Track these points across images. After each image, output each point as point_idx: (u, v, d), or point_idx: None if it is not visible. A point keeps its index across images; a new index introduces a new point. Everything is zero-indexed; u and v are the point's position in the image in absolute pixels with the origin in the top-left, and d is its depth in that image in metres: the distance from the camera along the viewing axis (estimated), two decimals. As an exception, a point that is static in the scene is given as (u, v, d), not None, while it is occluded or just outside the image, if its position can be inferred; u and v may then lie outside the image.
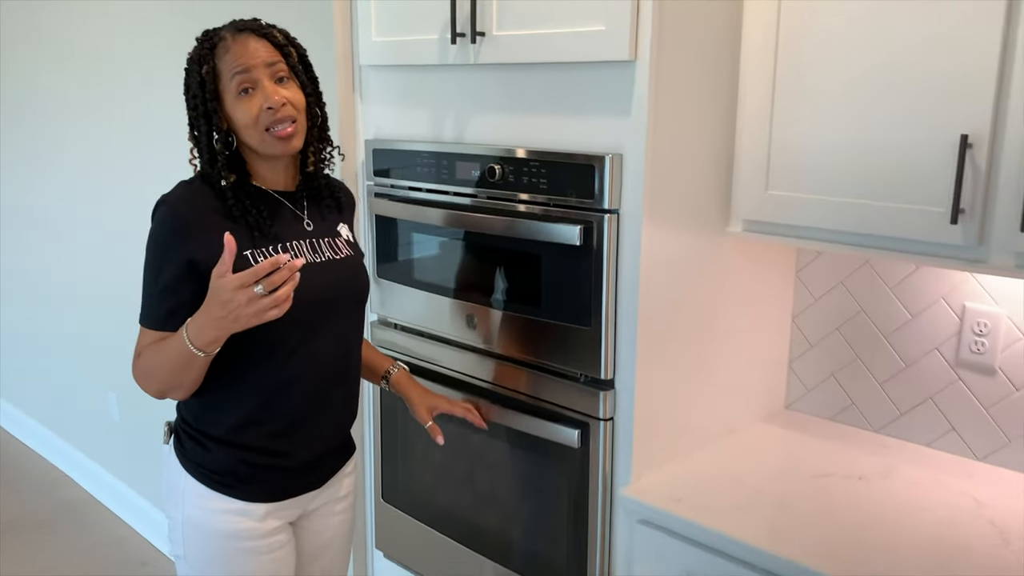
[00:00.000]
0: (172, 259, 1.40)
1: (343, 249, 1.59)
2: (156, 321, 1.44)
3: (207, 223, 1.42)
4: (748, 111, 1.62)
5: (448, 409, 1.73)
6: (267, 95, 1.42)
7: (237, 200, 1.45)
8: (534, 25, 1.59)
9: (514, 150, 1.66)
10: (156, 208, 1.44)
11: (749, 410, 1.91)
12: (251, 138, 1.44)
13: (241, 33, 1.44)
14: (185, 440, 1.55)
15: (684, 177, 1.59)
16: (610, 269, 1.56)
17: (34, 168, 3.64)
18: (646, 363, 1.60)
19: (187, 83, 1.46)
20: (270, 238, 1.47)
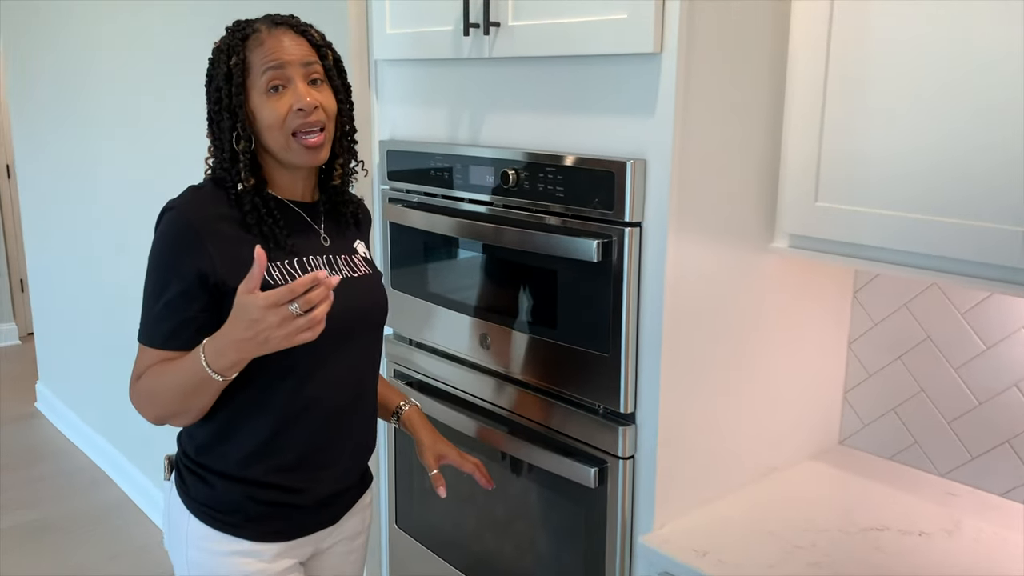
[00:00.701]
0: (180, 271, 1.27)
1: (360, 267, 1.44)
2: (159, 339, 1.30)
3: (219, 232, 1.29)
4: (795, 112, 1.42)
5: (456, 461, 1.55)
6: (299, 95, 1.29)
7: (253, 207, 1.31)
8: (551, 14, 1.42)
9: (529, 154, 1.49)
10: (162, 214, 1.31)
11: (796, 446, 1.70)
12: (275, 141, 1.31)
13: (277, 27, 1.32)
14: (187, 476, 1.40)
15: (718, 186, 1.40)
16: (631, 289, 1.38)
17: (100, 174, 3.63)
18: (672, 395, 1.41)
19: (211, 74, 1.33)
20: (286, 251, 1.34)
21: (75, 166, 3.67)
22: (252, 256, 1.25)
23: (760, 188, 1.47)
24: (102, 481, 3.78)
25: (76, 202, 3.71)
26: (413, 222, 1.74)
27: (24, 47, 3.96)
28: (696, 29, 1.29)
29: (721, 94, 1.36)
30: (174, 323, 1.29)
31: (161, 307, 1.29)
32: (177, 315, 1.28)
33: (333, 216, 1.45)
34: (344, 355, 1.38)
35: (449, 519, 1.85)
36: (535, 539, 1.64)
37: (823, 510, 1.52)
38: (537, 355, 1.55)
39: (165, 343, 1.29)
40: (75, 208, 3.73)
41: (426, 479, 1.88)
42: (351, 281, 1.40)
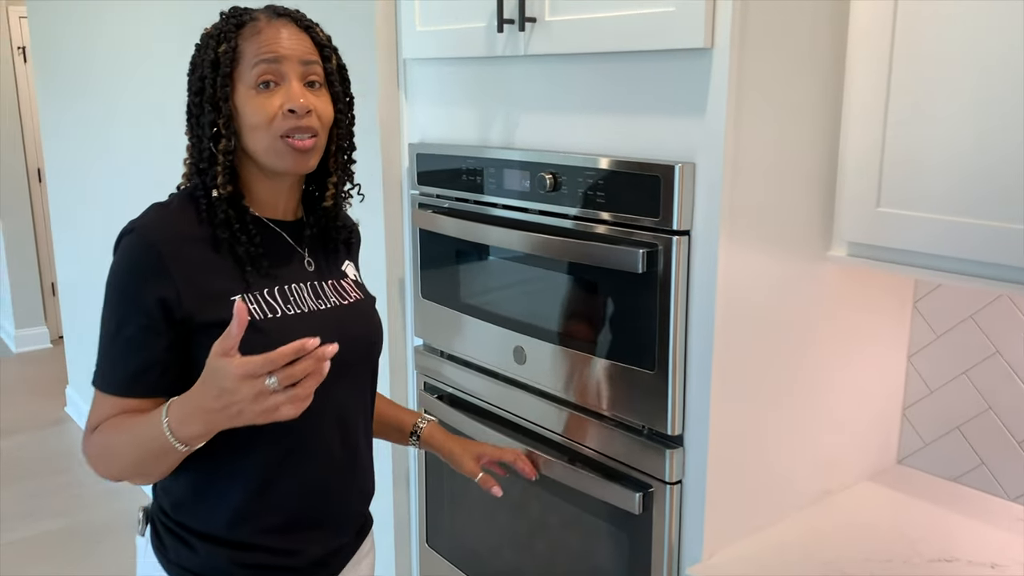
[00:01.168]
0: (141, 301, 1.10)
1: (351, 292, 1.30)
2: (119, 385, 1.13)
3: (186, 256, 1.13)
4: (855, 111, 1.32)
5: (496, 455, 1.45)
6: (292, 95, 1.14)
7: (226, 221, 1.16)
8: (592, 8, 1.33)
9: (568, 157, 1.40)
10: (121, 237, 1.14)
11: (853, 466, 1.59)
12: (259, 142, 1.15)
13: (279, 18, 1.18)
14: (164, 535, 1.23)
15: (772, 191, 1.30)
16: (679, 302, 1.29)
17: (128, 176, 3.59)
18: (722, 415, 1.31)
19: (195, 61, 1.18)
20: (265, 278, 1.18)
21: (103, 169, 3.63)
22: (224, 287, 1.12)
23: (817, 193, 1.37)
24: (132, 487, 3.74)
25: (105, 205, 3.68)
26: (443, 228, 1.66)
27: (54, 51, 3.94)
28: (749, 23, 1.19)
29: (775, 92, 1.26)
30: (136, 365, 1.12)
31: (121, 346, 1.12)
32: (139, 355, 1.12)
33: (320, 238, 1.30)
34: (336, 394, 1.21)
35: (482, 540, 1.76)
36: (574, 566, 1.54)
37: (884, 538, 1.41)
38: (576, 371, 1.45)
39: (126, 389, 1.13)
40: (104, 211, 3.70)
41: (457, 496, 1.80)
42: (341, 310, 1.26)
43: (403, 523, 2.01)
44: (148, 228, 1.14)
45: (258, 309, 1.16)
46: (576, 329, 1.44)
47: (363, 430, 1.31)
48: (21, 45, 5.24)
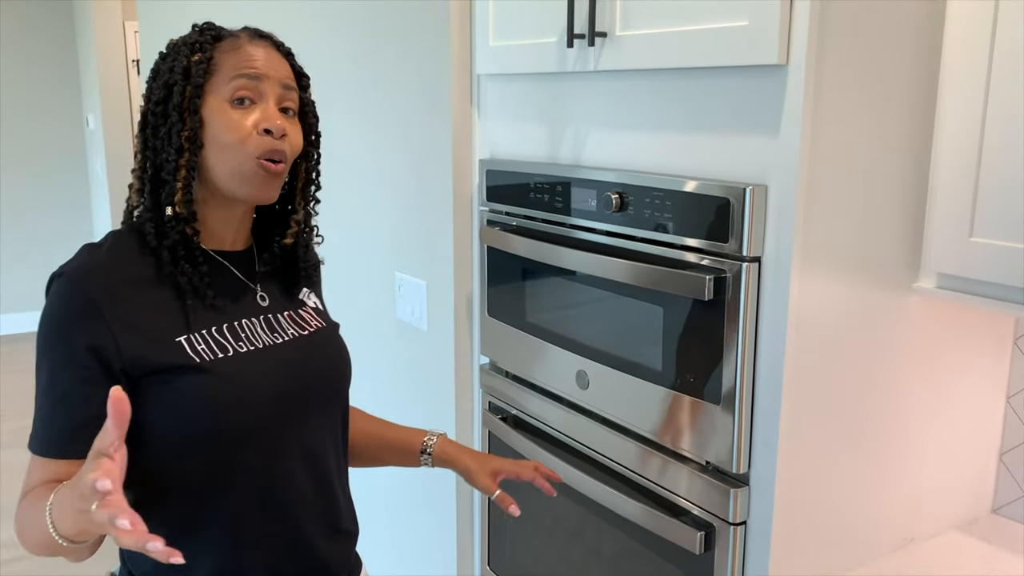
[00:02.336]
0: (72, 352, 1.00)
1: (311, 321, 1.21)
2: (50, 446, 1.01)
3: (122, 297, 1.03)
4: (948, 133, 1.22)
5: (513, 471, 1.32)
6: (269, 115, 1.07)
7: (172, 248, 1.07)
8: (663, 23, 1.27)
9: (635, 176, 1.35)
10: (50, 283, 1.04)
11: (940, 513, 1.48)
12: (225, 161, 1.06)
13: (260, 39, 1.12)
14: None
15: (852, 216, 1.21)
16: (747, 332, 1.22)
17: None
18: (792, 454, 1.23)
19: (160, 68, 1.09)
20: (213, 313, 1.09)
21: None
22: (166, 328, 1.03)
23: (902, 219, 1.27)
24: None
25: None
26: (509, 246, 1.63)
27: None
28: (828, 38, 1.11)
29: (856, 112, 1.18)
30: (70, 423, 1.00)
31: (54, 402, 1.01)
32: (74, 412, 1.00)
33: (276, 267, 1.21)
34: (299, 433, 1.13)
35: (543, 566, 1.71)
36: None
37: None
38: (639, 399, 1.39)
39: (59, 450, 1.01)
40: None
41: (520, 519, 1.76)
42: (301, 341, 1.16)
43: (466, 545, 1.98)
44: (78, 271, 1.03)
45: (206, 348, 1.07)
46: (639, 355, 1.38)
47: (336, 467, 1.22)
48: (135, 58, 5.49)
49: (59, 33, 5.86)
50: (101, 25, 5.33)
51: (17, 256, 5.97)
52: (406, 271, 2.01)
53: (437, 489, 2.02)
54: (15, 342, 5.85)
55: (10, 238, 5.93)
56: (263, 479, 1.10)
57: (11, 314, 6.02)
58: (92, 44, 5.37)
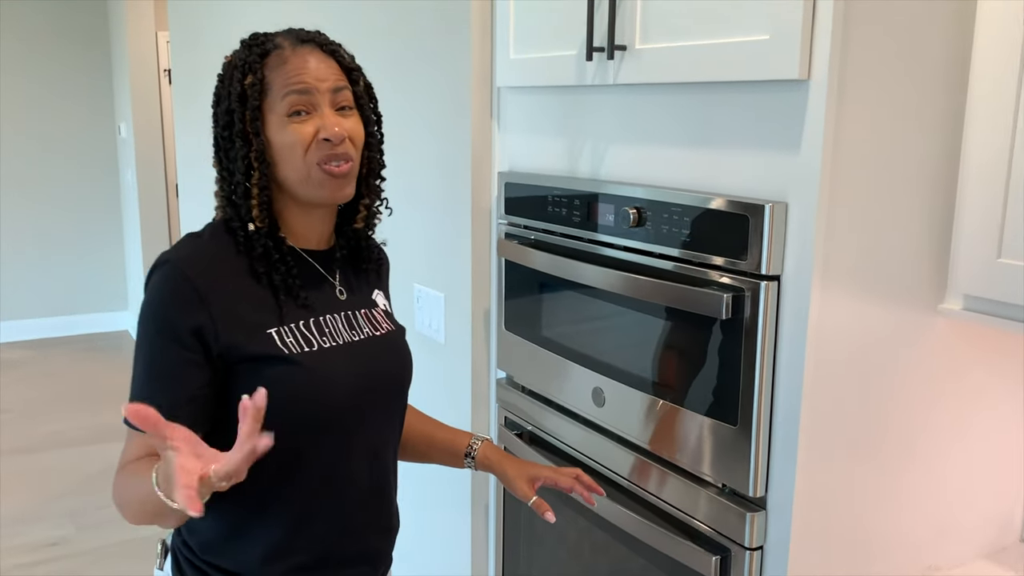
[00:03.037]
0: (178, 334, 1.07)
1: (383, 323, 1.28)
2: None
3: (221, 286, 1.11)
4: (975, 150, 1.19)
5: (552, 479, 1.32)
6: (325, 123, 1.12)
7: (265, 252, 1.14)
8: (683, 36, 1.26)
9: (654, 192, 1.33)
10: (154, 269, 1.11)
11: (966, 542, 1.43)
12: (294, 171, 1.13)
13: (303, 45, 1.15)
14: (188, 571, 1.19)
15: (875, 235, 1.18)
16: (765, 352, 1.19)
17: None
18: (811, 478, 1.20)
19: (220, 93, 1.16)
20: (301, 309, 1.16)
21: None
22: (260, 320, 1.10)
23: (927, 239, 1.24)
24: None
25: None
26: (526, 260, 1.61)
27: (191, 74, 4.15)
28: (851, 53, 1.09)
29: (880, 128, 1.15)
30: (169, 400, 1.05)
31: (155, 379, 1.08)
32: (174, 390, 1.07)
33: (351, 264, 1.28)
34: (367, 429, 1.21)
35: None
36: (647, 624, 1.45)
37: (998, 629, 1.25)
38: (654, 418, 1.37)
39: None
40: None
41: (535, 530, 1.73)
42: (374, 341, 1.23)
43: (480, 555, 1.96)
44: (183, 259, 1.11)
45: (294, 341, 1.14)
46: (655, 374, 1.36)
47: (392, 465, 1.29)
48: (167, 68, 5.56)
49: (93, 43, 5.95)
50: (134, 35, 5.40)
51: (49, 263, 6.05)
52: (424, 283, 2.00)
53: (452, 505, 2.00)
54: (47, 346, 5.93)
55: (43, 245, 6.01)
56: (328, 469, 1.17)
57: (42, 319, 6.10)
58: (125, 54, 5.45)
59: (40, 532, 3.42)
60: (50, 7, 5.76)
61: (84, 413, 4.71)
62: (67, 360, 5.66)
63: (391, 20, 2.01)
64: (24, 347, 5.91)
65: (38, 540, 3.36)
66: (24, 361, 5.62)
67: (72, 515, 3.57)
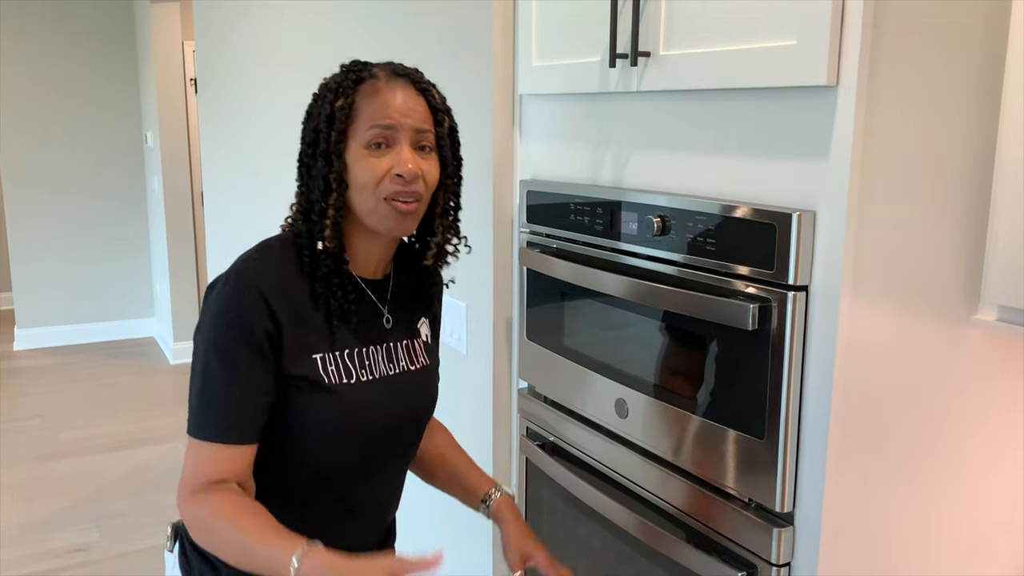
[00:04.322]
0: (252, 341, 1.11)
1: (420, 357, 1.31)
2: (228, 431, 1.11)
3: (288, 303, 1.15)
4: (1010, 155, 1.16)
5: (544, 566, 1.34)
6: (401, 160, 1.15)
7: (326, 276, 1.17)
8: (708, 42, 1.23)
9: (678, 200, 1.30)
10: (226, 279, 1.14)
11: (1004, 557, 1.39)
12: (363, 201, 1.16)
13: (397, 78, 1.18)
14: (193, 558, 1.25)
15: (906, 244, 1.15)
16: (793, 364, 1.16)
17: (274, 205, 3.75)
18: (840, 493, 1.17)
19: (312, 111, 1.21)
20: (349, 336, 1.21)
21: (253, 196, 3.80)
22: (310, 342, 1.15)
23: (960, 248, 1.21)
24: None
25: (251, 233, 3.84)
26: (547, 268, 1.59)
27: (217, 83, 4.18)
28: (881, 58, 1.06)
29: (910, 136, 1.12)
30: (246, 409, 1.11)
31: (230, 388, 1.11)
32: (254, 397, 1.12)
33: (403, 293, 1.31)
34: (389, 460, 1.29)
35: (579, 600, 1.66)
36: (671, 640, 1.42)
37: (1035, 650, 1.22)
38: (678, 431, 1.34)
39: (239, 435, 1.12)
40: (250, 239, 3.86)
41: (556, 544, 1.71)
42: (409, 377, 1.28)
43: (502, 566, 1.93)
44: (256, 272, 1.15)
45: (335, 371, 1.18)
46: (680, 385, 1.34)
47: (398, 487, 1.35)
48: (193, 77, 5.61)
49: (120, 53, 6.02)
50: (160, 45, 5.46)
51: (76, 270, 6.12)
52: (446, 292, 1.99)
53: (474, 517, 1.98)
54: (74, 353, 5.99)
55: (70, 252, 6.08)
56: (342, 488, 1.24)
57: (69, 325, 6.16)
58: (152, 63, 5.51)
59: (65, 538, 3.44)
60: (78, 18, 5.84)
61: (110, 420, 4.75)
62: (93, 367, 5.71)
63: (414, 31, 2.01)
64: (51, 354, 5.97)
65: (63, 546, 3.38)
66: (51, 367, 5.67)
67: (97, 521, 3.59)
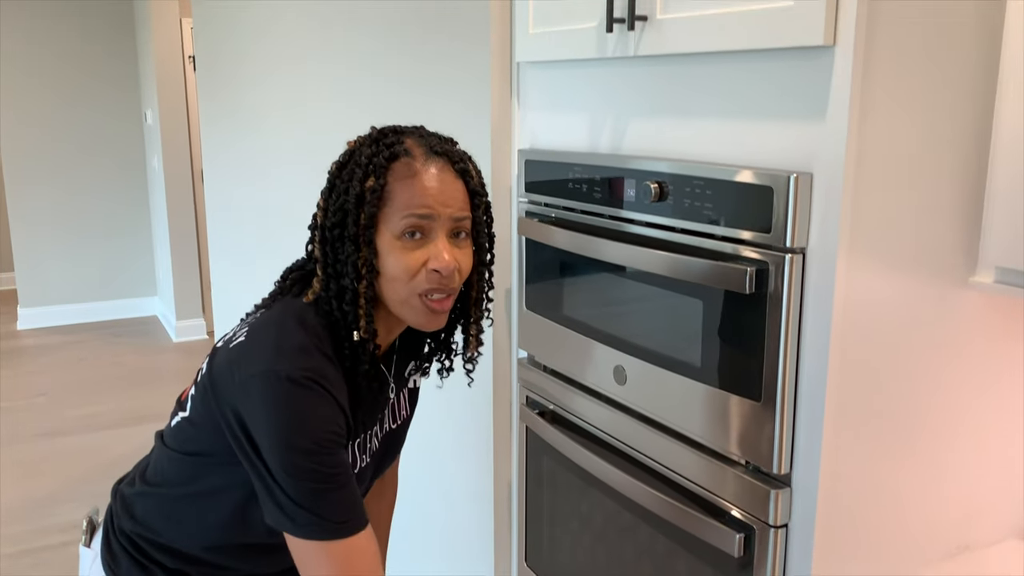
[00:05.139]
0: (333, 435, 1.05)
1: (404, 409, 1.32)
2: (358, 522, 1.07)
3: (341, 396, 1.08)
4: (1008, 117, 1.15)
5: None
6: (439, 254, 1.09)
7: (372, 378, 1.14)
8: (704, 5, 1.23)
9: (675, 165, 1.30)
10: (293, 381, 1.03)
11: (998, 520, 1.40)
12: (395, 293, 1.10)
13: (435, 158, 1.10)
14: (121, 557, 1.22)
15: (903, 206, 1.15)
16: (790, 327, 1.16)
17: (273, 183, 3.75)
18: (837, 454, 1.18)
19: (337, 184, 1.11)
20: (360, 426, 1.18)
21: (253, 175, 3.80)
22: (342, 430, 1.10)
23: (958, 209, 1.20)
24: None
25: (254, 210, 3.85)
26: (546, 238, 1.59)
27: (215, 61, 4.17)
28: (878, 17, 1.06)
29: (909, 96, 1.12)
30: (356, 498, 1.08)
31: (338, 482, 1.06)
32: (355, 489, 1.08)
33: (406, 353, 1.29)
34: None
35: (580, 566, 1.68)
36: (670, 603, 1.44)
37: (1030, 609, 1.23)
38: (677, 396, 1.35)
39: (365, 522, 1.08)
40: (254, 217, 3.86)
41: (556, 517, 1.73)
42: (387, 437, 1.29)
43: (503, 540, 1.95)
44: (313, 369, 1.05)
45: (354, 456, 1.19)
46: (678, 351, 1.34)
47: None
48: (191, 55, 5.58)
49: (119, 31, 5.99)
50: (159, 22, 5.43)
51: (78, 249, 6.13)
52: (446, 263, 1.99)
53: (475, 486, 2.00)
54: (78, 332, 6.01)
55: (71, 231, 6.09)
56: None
57: (72, 304, 6.18)
58: (150, 41, 5.48)
59: (71, 512, 3.47)
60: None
61: (114, 398, 4.77)
62: (97, 345, 5.73)
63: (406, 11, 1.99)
64: (55, 333, 6.00)
65: (69, 520, 3.41)
66: (55, 346, 5.70)
67: (103, 496, 3.62)
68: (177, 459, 1.18)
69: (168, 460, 1.20)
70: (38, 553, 3.18)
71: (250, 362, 1.04)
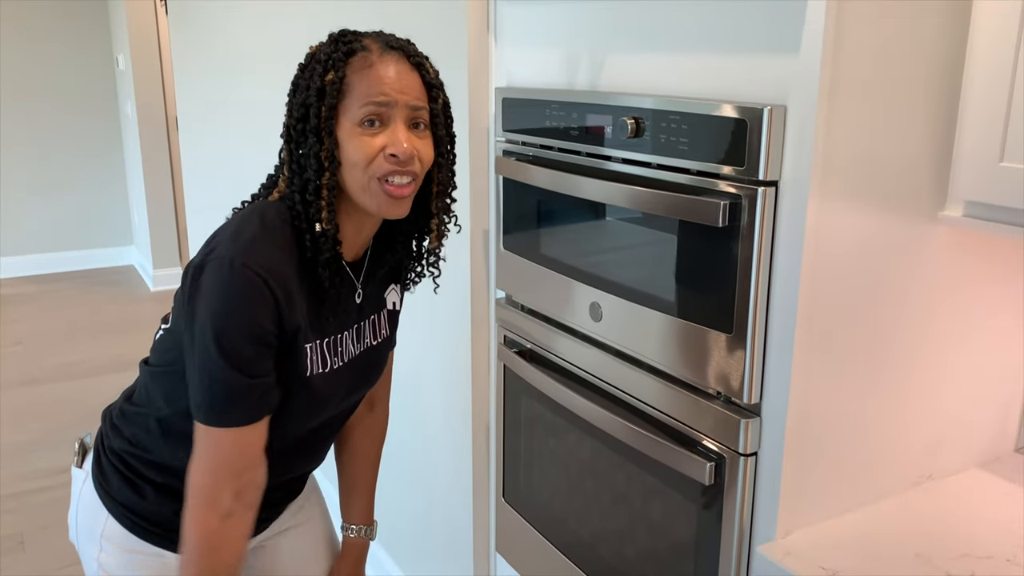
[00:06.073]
0: (265, 337, 1.10)
1: (383, 329, 1.34)
2: (252, 412, 1.12)
3: (289, 291, 1.12)
4: (980, 52, 1.16)
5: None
6: (396, 139, 1.12)
7: (329, 261, 1.15)
8: (682, -64, 1.22)
9: (651, 100, 1.30)
10: (233, 267, 1.06)
11: (960, 451, 1.45)
12: (354, 180, 1.13)
13: (391, 51, 1.13)
14: (111, 474, 1.27)
15: (874, 140, 1.16)
16: (761, 259, 1.18)
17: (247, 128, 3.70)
18: (805, 384, 1.21)
19: (299, 83, 1.15)
20: (331, 324, 1.21)
21: (228, 120, 3.75)
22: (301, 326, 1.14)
23: (929, 143, 1.22)
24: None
25: (228, 158, 3.81)
26: (525, 177, 1.59)
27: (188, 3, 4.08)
28: (855, -54, 1.05)
29: (883, 28, 1.12)
30: (261, 390, 1.12)
31: (247, 372, 1.10)
32: (265, 379, 1.12)
33: (378, 262, 1.30)
34: (333, 423, 1.35)
35: (557, 499, 1.71)
36: (642, 532, 1.48)
37: (987, 532, 1.27)
38: (651, 330, 1.37)
39: (267, 405, 1.14)
40: (228, 164, 3.83)
41: (533, 454, 1.76)
42: (367, 353, 1.31)
43: (482, 478, 1.99)
44: (263, 266, 1.09)
45: (316, 360, 1.20)
46: (652, 286, 1.36)
47: (332, 437, 1.39)
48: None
49: (88, -28, 5.84)
50: (129, -37, 5.30)
51: (53, 198, 6.04)
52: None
53: (454, 424, 2.03)
54: (54, 281, 5.96)
55: (45, 180, 6.00)
56: (283, 439, 1.25)
57: (47, 253, 6.12)
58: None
59: (49, 460, 3.48)
60: (42, -65, 5.64)
61: (91, 345, 4.76)
62: (73, 294, 5.69)
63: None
64: (31, 282, 5.95)
65: (48, 467, 3.43)
66: (31, 296, 5.65)
67: (83, 443, 3.63)
68: (160, 375, 1.23)
69: (151, 378, 1.25)
70: (21, 497, 3.20)
71: (208, 250, 1.11)
